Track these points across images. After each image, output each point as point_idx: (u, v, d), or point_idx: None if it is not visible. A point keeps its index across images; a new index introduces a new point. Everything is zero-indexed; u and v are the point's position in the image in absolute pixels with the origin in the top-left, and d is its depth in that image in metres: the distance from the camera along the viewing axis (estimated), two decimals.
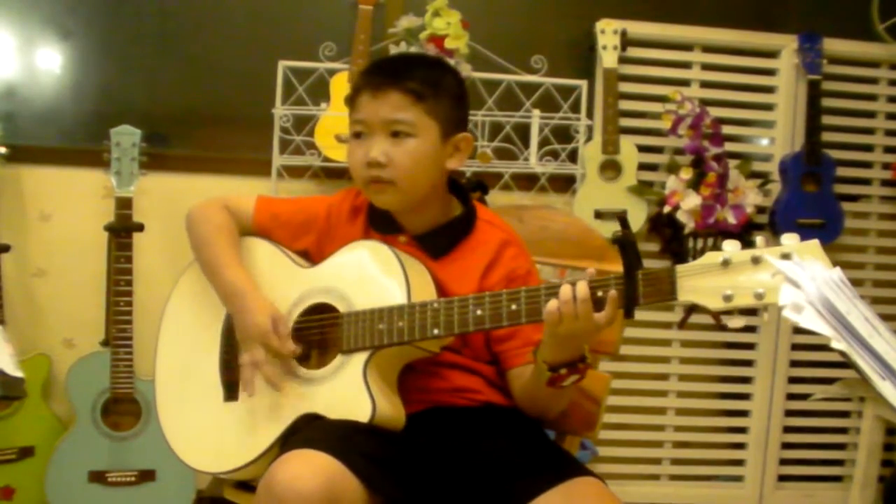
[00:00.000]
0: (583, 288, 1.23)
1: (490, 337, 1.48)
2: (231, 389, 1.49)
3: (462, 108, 1.52)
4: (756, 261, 1.14)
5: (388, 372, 1.42)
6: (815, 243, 1.14)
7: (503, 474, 1.33)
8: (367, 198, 1.51)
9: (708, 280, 1.17)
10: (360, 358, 1.38)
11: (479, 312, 1.32)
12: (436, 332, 1.34)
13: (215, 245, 1.53)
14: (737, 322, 1.19)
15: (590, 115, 2.73)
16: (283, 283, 1.50)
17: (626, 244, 1.20)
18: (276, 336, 1.42)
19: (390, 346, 1.37)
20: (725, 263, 1.16)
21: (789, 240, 1.14)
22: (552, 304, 1.24)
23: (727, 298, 1.15)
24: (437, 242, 1.49)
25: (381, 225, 1.51)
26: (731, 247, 1.17)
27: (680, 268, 1.19)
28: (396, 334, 1.36)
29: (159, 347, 1.61)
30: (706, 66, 2.85)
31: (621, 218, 1.23)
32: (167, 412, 1.56)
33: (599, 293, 1.24)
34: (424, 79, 1.44)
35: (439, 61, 1.60)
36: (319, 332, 1.45)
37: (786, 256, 1.12)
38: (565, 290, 1.24)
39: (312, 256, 1.55)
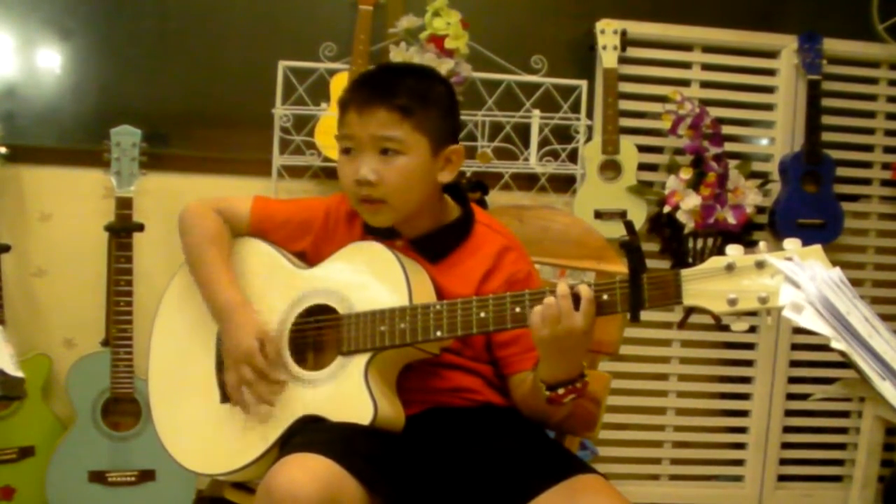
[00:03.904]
0: (562, 286, 1.24)
1: (491, 342, 1.47)
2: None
3: (452, 119, 1.49)
4: (760, 265, 1.15)
5: (388, 373, 1.42)
6: (817, 248, 1.14)
7: (505, 473, 1.33)
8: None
9: (713, 284, 1.18)
10: (360, 360, 1.37)
11: (482, 315, 1.32)
12: (438, 334, 1.34)
13: (206, 256, 1.52)
14: (741, 325, 1.20)
15: (590, 115, 2.73)
16: (281, 285, 1.49)
17: (632, 249, 1.20)
18: (262, 358, 1.41)
19: (392, 347, 1.36)
20: (730, 268, 1.17)
21: (792, 244, 1.14)
22: (535, 311, 1.26)
23: (732, 302, 1.16)
24: (433, 247, 1.47)
25: (377, 230, 1.48)
26: (734, 251, 1.17)
27: (685, 272, 1.19)
28: (398, 336, 1.35)
29: (152, 348, 1.60)
30: (706, 66, 2.85)
31: (627, 223, 1.23)
32: (162, 414, 1.55)
33: (605, 296, 1.24)
34: (412, 93, 1.41)
35: (427, 71, 1.55)
36: (317, 334, 1.45)
37: (789, 261, 1.12)
38: (548, 298, 1.25)
39: (309, 258, 1.54)
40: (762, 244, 1.17)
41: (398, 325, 1.35)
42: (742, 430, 2.96)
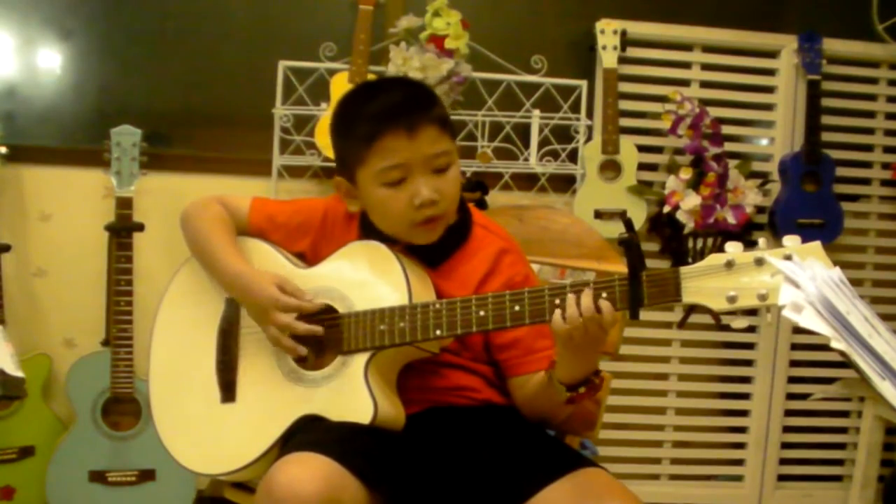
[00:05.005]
0: (587, 301, 1.22)
1: (491, 344, 1.47)
2: (228, 390, 1.48)
3: None
4: (759, 262, 1.15)
5: (388, 372, 1.42)
6: (816, 245, 1.14)
7: (508, 469, 1.33)
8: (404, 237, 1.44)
9: (712, 281, 1.17)
10: (361, 359, 1.38)
11: (481, 313, 1.31)
12: (438, 332, 1.34)
13: (211, 235, 1.52)
14: (740, 323, 1.20)
15: (590, 115, 2.73)
16: None
17: (630, 246, 1.20)
18: (288, 296, 1.40)
19: (392, 346, 1.37)
20: (729, 265, 1.17)
21: (791, 241, 1.15)
22: (559, 324, 1.24)
23: (731, 300, 1.16)
24: (433, 251, 1.46)
25: (374, 233, 1.47)
26: (733, 248, 1.17)
27: (684, 269, 1.19)
28: (398, 335, 1.35)
29: (153, 348, 1.59)
30: (706, 66, 2.85)
31: (626, 220, 1.23)
32: (163, 414, 1.55)
33: (604, 295, 1.23)
34: (434, 100, 1.41)
35: (412, 79, 1.56)
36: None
37: (788, 258, 1.12)
38: (572, 308, 1.23)
39: (308, 259, 1.54)
40: (762, 241, 1.17)
41: (398, 323, 1.35)
42: (742, 429, 2.96)
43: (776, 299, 1.12)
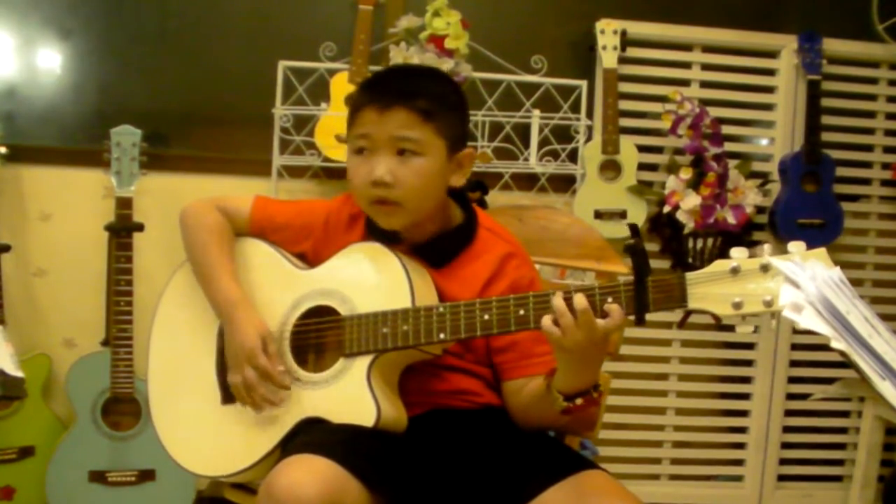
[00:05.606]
0: (581, 300, 1.21)
1: (490, 347, 1.46)
2: (229, 391, 1.47)
3: (465, 124, 1.49)
4: (765, 269, 1.15)
5: (390, 375, 1.41)
6: (822, 252, 1.14)
7: (509, 472, 1.33)
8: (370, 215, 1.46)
9: (717, 287, 1.17)
10: (363, 361, 1.37)
11: (486, 317, 1.31)
12: (441, 336, 1.33)
13: (208, 251, 1.51)
14: (746, 328, 1.19)
15: (590, 115, 2.73)
16: (281, 286, 1.49)
17: (636, 252, 1.20)
18: (265, 356, 1.40)
19: (394, 349, 1.36)
20: (735, 271, 1.16)
21: (795, 248, 1.14)
22: (546, 320, 1.23)
23: (737, 306, 1.16)
24: (437, 252, 1.46)
25: (379, 235, 1.46)
26: (739, 254, 1.17)
27: (690, 275, 1.19)
28: (401, 338, 1.35)
29: (151, 350, 1.59)
30: (706, 66, 2.85)
31: (632, 226, 1.23)
32: (162, 415, 1.55)
33: (610, 300, 1.22)
34: (433, 96, 1.40)
35: (442, 74, 1.55)
36: (319, 335, 1.44)
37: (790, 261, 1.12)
38: (559, 305, 1.22)
39: (309, 261, 1.53)
40: (766, 247, 1.16)
41: (401, 327, 1.35)
42: (742, 430, 2.97)
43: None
